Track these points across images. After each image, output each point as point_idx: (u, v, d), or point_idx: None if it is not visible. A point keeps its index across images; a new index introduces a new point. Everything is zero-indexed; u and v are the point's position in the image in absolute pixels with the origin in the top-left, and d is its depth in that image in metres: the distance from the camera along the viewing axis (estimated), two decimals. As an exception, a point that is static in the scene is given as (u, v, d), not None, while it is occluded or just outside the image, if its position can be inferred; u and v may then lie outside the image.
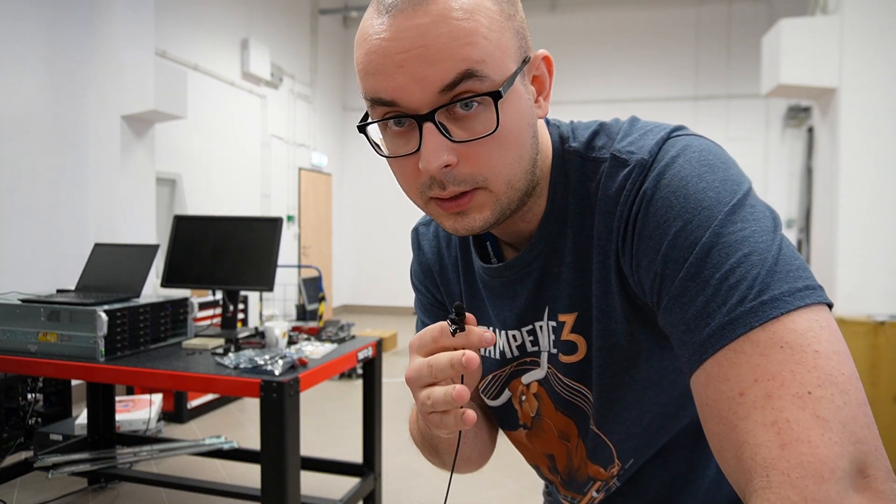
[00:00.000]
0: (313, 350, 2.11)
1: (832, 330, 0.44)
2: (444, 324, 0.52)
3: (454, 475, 0.64)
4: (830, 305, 0.46)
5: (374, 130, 0.57)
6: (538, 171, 0.59)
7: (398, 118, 0.52)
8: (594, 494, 0.73)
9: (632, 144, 0.57)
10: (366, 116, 0.56)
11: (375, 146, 0.57)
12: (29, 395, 3.02)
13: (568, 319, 0.63)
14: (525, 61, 0.54)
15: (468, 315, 0.52)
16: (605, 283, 0.59)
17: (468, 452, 0.73)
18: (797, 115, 7.49)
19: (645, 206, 0.52)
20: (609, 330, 0.60)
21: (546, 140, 0.62)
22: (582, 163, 0.60)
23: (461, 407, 0.51)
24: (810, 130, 7.09)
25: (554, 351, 0.66)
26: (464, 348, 0.51)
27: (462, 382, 0.52)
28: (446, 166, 0.51)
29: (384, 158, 0.57)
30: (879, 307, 3.85)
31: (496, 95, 0.50)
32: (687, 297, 0.48)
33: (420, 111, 0.50)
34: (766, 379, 0.42)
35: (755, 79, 6.60)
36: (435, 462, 0.74)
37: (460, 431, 0.58)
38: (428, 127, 0.50)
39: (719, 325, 0.45)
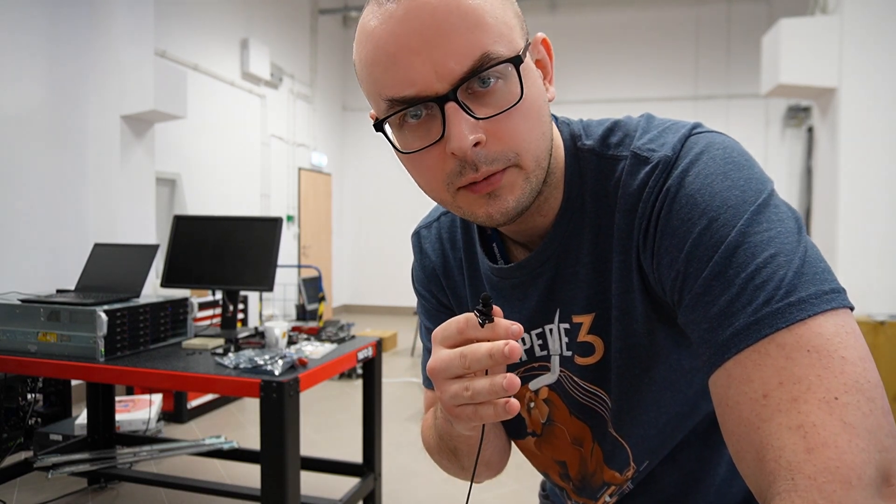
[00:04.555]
0: (313, 350, 2.10)
1: (857, 336, 0.44)
2: (470, 315, 0.50)
3: (464, 479, 0.63)
4: (852, 308, 0.46)
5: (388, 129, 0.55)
6: (553, 159, 0.58)
7: (416, 105, 0.50)
8: (607, 499, 0.72)
9: (652, 142, 0.56)
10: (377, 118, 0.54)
11: (395, 145, 0.54)
12: (29, 395, 3.02)
13: (585, 320, 0.62)
14: (527, 44, 0.53)
15: (494, 307, 0.50)
16: (627, 282, 0.58)
17: (488, 455, 0.70)
18: (797, 114, 7.49)
19: (668, 204, 0.52)
20: (630, 330, 0.59)
21: (556, 135, 0.61)
22: (598, 161, 0.59)
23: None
24: (810, 130, 7.10)
25: (568, 353, 0.64)
26: (489, 340, 0.48)
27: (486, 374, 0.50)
28: (476, 144, 0.49)
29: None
30: (879, 307, 3.85)
31: (517, 60, 0.49)
32: (710, 295, 0.47)
33: (439, 93, 0.48)
34: (791, 382, 0.42)
35: (755, 79, 6.61)
36: (452, 468, 0.71)
37: (483, 426, 0.56)
38: (451, 107, 0.48)
39: (744, 324, 0.45)
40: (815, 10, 4.44)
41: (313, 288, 5.51)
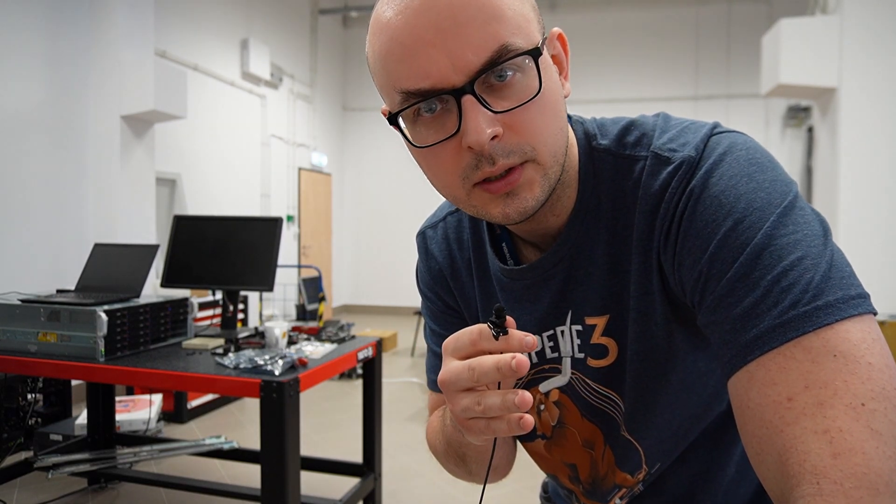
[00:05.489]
0: (313, 350, 2.10)
1: (882, 343, 0.43)
2: (483, 326, 0.48)
3: (468, 481, 0.62)
4: (875, 314, 0.45)
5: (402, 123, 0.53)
6: (568, 157, 0.57)
7: (431, 98, 0.49)
8: (617, 502, 0.72)
9: (672, 142, 0.55)
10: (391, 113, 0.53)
11: (409, 140, 0.53)
12: (29, 395, 3.02)
13: (599, 322, 0.61)
14: (544, 39, 0.53)
15: (508, 318, 0.48)
16: (646, 284, 0.57)
17: (496, 460, 0.69)
18: (797, 114, 7.50)
19: (692, 204, 0.51)
20: (648, 332, 0.58)
21: (571, 134, 0.60)
22: (614, 160, 0.58)
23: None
24: (810, 130, 7.10)
25: (581, 356, 0.63)
26: (503, 352, 0.47)
27: (499, 387, 0.48)
28: (493, 138, 0.48)
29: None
30: (879, 307, 3.85)
31: (536, 52, 0.48)
32: (734, 296, 0.47)
33: (456, 86, 0.47)
34: (817, 387, 0.42)
35: (755, 79, 6.61)
36: (459, 473, 0.70)
37: (495, 438, 0.54)
38: (468, 100, 0.47)
39: (769, 327, 0.44)
40: (815, 10, 4.44)
41: (313, 288, 5.51)
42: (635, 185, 0.56)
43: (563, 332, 0.64)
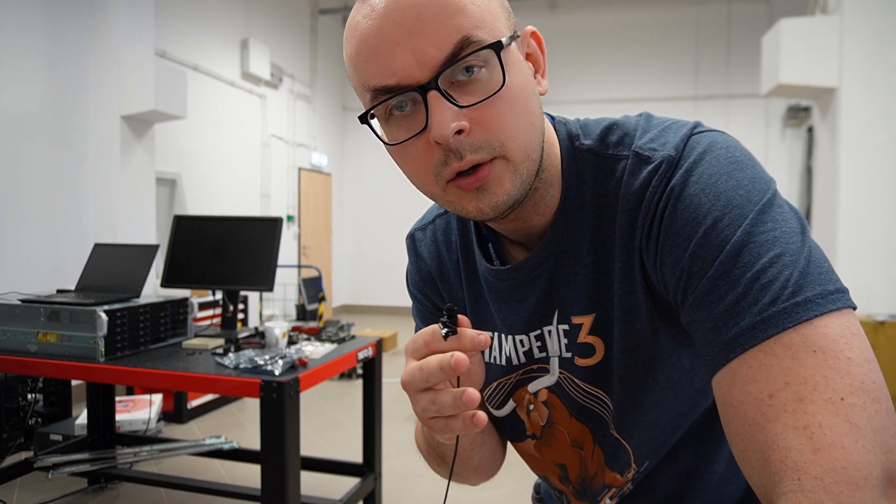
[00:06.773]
0: (313, 350, 2.10)
1: (862, 337, 0.44)
2: (435, 327, 0.50)
3: (454, 482, 0.63)
4: (855, 308, 0.46)
5: (375, 123, 0.55)
6: (547, 156, 0.57)
7: (400, 94, 0.50)
8: (607, 502, 0.72)
9: (653, 141, 0.56)
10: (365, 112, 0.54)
11: (381, 138, 0.54)
12: (29, 395, 3.02)
13: (585, 321, 0.61)
14: (515, 36, 0.53)
15: (461, 317, 0.50)
16: (630, 282, 0.57)
17: (476, 460, 0.70)
18: (797, 114, 7.49)
19: (672, 203, 0.52)
20: (633, 330, 0.58)
21: (552, 133, 0.61)
22: (597, 160, 0.59)
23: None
24: (810, 130, 7.10)
25: (568, 355, 0.64)
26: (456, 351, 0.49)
27: (458, 385, 0.50)
28: (459, 132, 0.49)
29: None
30: (879, 307, 3.85)
31: (498, 46, 0.49)
32: (715, 294, 0.47)
33: (421, 82, 0.48)
34: (797, 383, 0.42)
35: (755, 79, 6.61)
36: (442, 472, 0.72)
37: (458, 436, 0.56)
38: (433, 95, 0.48)
39: (749, 324, 0.45)
40: (815, 10, 4.44)
41: (313, 288, 5.51)
42: (617, 184, 0.57)
43: (550, 331, 0.64)
